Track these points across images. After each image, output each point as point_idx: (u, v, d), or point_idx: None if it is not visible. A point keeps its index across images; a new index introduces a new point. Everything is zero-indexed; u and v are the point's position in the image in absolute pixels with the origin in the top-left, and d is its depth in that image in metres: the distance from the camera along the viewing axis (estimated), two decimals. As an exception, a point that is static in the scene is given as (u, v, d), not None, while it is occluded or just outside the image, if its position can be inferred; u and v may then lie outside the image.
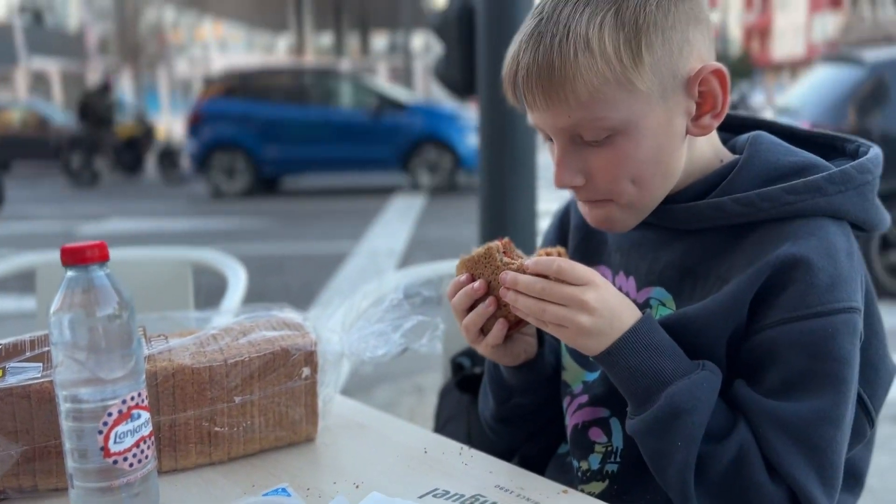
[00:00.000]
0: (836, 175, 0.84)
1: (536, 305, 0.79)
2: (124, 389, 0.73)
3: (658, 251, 0.91)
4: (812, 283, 0.78)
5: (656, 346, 0.79)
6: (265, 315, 0.95)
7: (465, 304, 0.87)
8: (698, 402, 0.77)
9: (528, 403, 1.00)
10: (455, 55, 2.92)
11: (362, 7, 29.49)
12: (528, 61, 0.81)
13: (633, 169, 0.83)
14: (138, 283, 1.66)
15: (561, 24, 0.80)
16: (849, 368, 0.78)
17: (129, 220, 8.89)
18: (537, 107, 0.83)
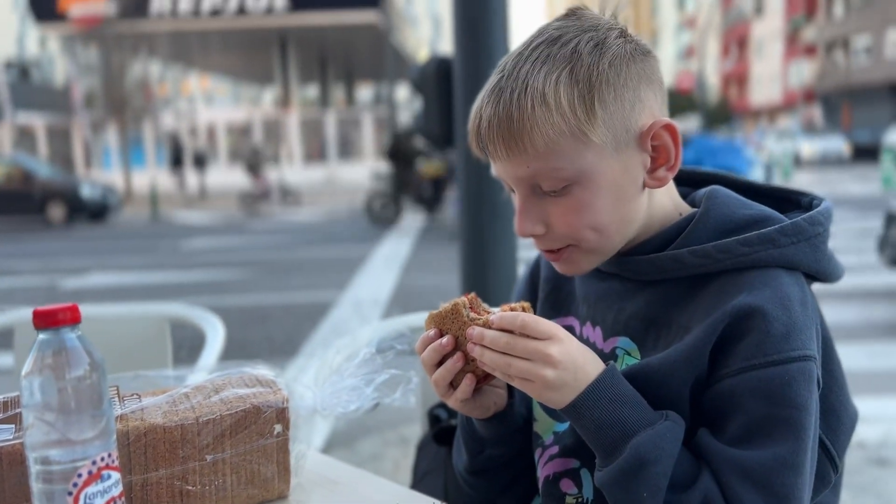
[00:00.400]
0: (788, 227, 0.87)
1: (502, 360, 0.81)
2: (94, 450, 0.73)
3: (623, 302, 0.93)
4: (768, 332, 0.80)
5: (620, 397, 0.81)
6: (238, 372, 0.96)
7: (433, 360, 0.88)
8: (662, 452, 0.78)
9: (501, 455, 1.00)
10: (433, 109, 2.98)
11: (347, 59, 29.98)
12: (489, 114, 0.86)
13: (591, 218, 0.87)
14: (116, 339, 1.67)
15: (520, 80, 0.84)
16: (806, 415, 0.80)
17: (112, 273, 8.85)
18: (499, 157, 0.87)
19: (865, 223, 10.54)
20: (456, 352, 0.87)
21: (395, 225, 12.88)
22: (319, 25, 23.20)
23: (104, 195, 16.68)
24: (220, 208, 18.22)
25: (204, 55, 29.18)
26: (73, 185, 16.51)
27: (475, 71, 2.66)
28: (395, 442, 3.36)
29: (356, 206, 16.77)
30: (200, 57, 29.79)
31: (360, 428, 3.51)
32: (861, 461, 3.00)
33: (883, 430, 3.29)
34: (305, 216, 15.36)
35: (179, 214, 17.20)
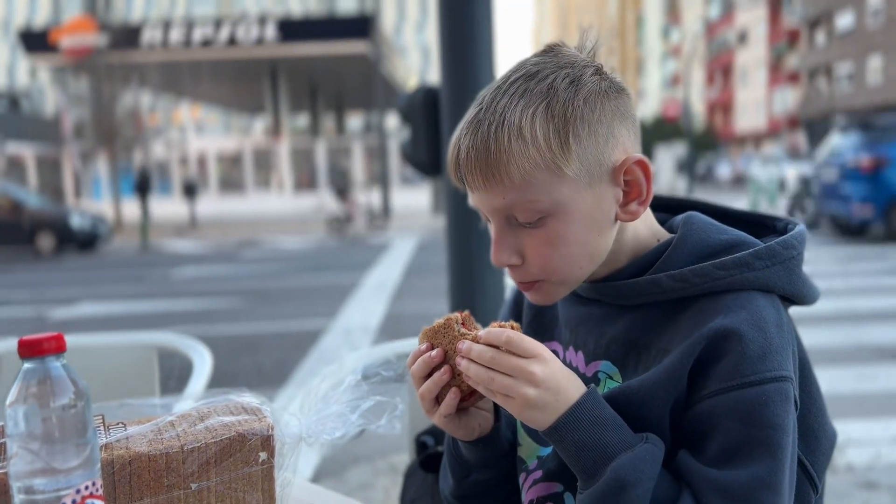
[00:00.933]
0: (762, 251, 0.89)
1: (486, 374, 0.83)
2: (78, 479, 0.73)
3: (604, 326, 0.95)
4: (744, 354, 0.82)
5: (601, 420, 0.82)
6: (223, 400, 0.96)
7: (422, 372, 0.90)
8: (642, 475, 0.79)
9: (487, 480, 1.01)
10: (421, 137, 3.01)
11: (337, 89, 30.21)
12: (467, 145, 0.88)
13: (564, 249, 0.89)
14: (103, 368, 1.67)
15: (497, 113, 0.86)
16: (783, 435, 0.81)
17: (102, 303, 8.80)
18: (476, 187, 0.89)
19: (851, 248, 10.64)
20: (444, 365, 0.89)
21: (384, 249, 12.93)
22: (310, 56, 23.43)
23: (94, 225, 16.63)
24: (211, 237, 18.19)
25: (195, 85, 29.33)
26: (62, 215, 16.45)
27: (461, 100, 2.70)
28: (384, 471, 3.34)
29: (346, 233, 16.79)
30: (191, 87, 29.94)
31: (350, 457, 3.49)
32: (849, 484, 3.00)
33: (871, 454, 3.29)
34: (293, 245, 15.34)
35: (170, 244, 17.16)
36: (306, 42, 22.79)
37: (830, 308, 6.38)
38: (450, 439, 1.02)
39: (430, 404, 0.91)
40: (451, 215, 2.87)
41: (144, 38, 23.46)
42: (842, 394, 4.02)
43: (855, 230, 11.88)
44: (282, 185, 27.01)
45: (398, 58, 35.63)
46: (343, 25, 23.22)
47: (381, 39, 24.48)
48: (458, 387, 0.89)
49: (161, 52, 23.49)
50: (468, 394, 0.89)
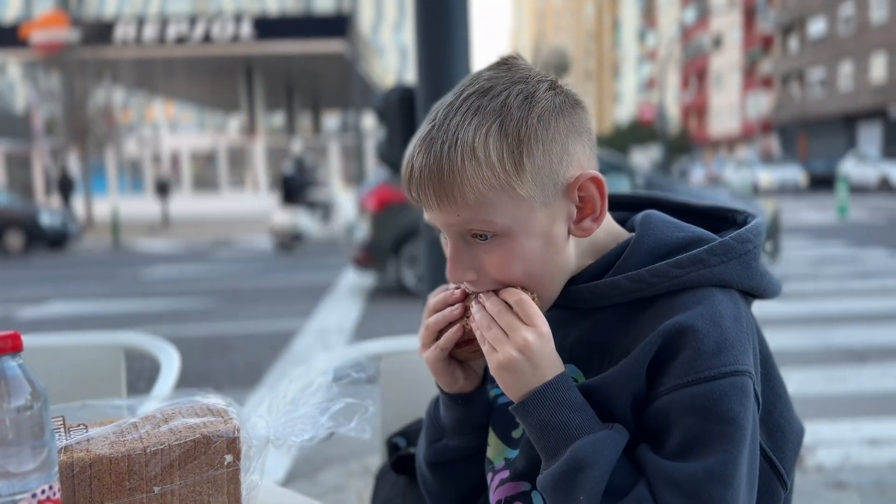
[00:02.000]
0: (717, 247, 0.89)
1: (487, 321, 0.87)
2: (34, 482, 0.71)
3: (567, 329, 0.95)
4: (698, 350, 0.82)
5: (569, 402, 0.84)
6: (188, 401, 0.94)
7: (438, 305, 0.94)
8: (601, 457, 0.80)
9: (458, 447, 1.01)
10: (397, 137, 3.00)
11: (314, 88, 30.06)
12: (420, 164, 0.86)
13: (520, 266, 0.88)
14: (68, 369, 1.63)
15: (450, 132, 0.85)
16: (738, 429, 0.81)
17: (71, 301, 8.66)
18: (430, 206, 0.88)
19: (822, 251, 10.80)
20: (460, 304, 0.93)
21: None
22: (286, 54, 23.27)
23: (64, 223, 16.37)
24: (184, 236, 18.00)
25: (169, 82, 29.02)
26: (31, 213, 16.18)
27: (438, 98, 2.69)
28: (358, 473, 3.31)
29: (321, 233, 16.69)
30: (165, 84, 29.62)
31: (323, 459, 3.46)
32: (819, 485, 3.04)
33: (841, 454, 3.34)
34: (267, 245, 15.23)
35: (141, 243, 16.95)
36: (282, 40, 22.63)
37: (801, 311, 6.46)
38: (432, 402, 1.05)
39: (430, 336, 0.94)
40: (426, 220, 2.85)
41: (118, 34, 23.14)
42: (812, 395, 4.06)
43: None
44: (257, 185, 26.79)
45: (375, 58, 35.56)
46: (320, 24, 23.10)
47: (358, 39, 24.39)
48: (463, 327, 0.92)
49: (135, 48, 23.19)
50: (467, 340, 0.92)
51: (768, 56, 50.56)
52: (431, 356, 0.94)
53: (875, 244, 11.35)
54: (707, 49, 61.25)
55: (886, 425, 3.70)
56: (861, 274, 8.58)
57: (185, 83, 29.05)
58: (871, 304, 6.78)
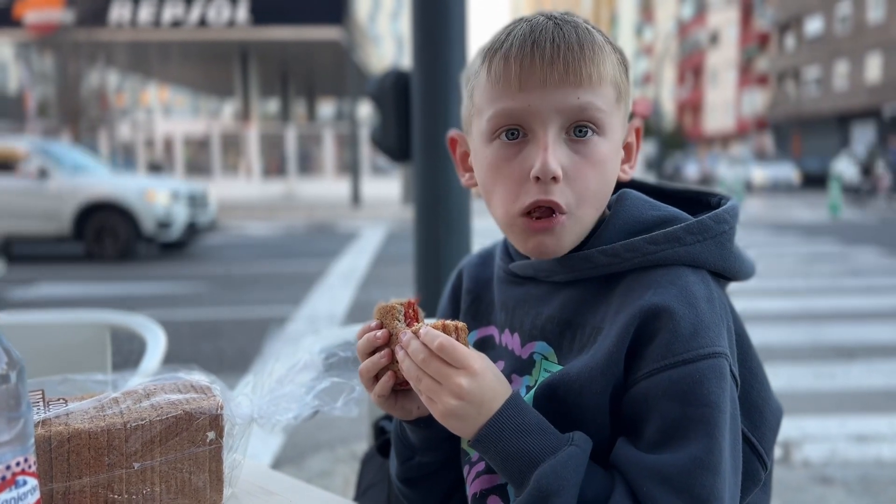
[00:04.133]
0: (694, 226, 0.89)
1: (416, 372, 0.82)
2: (9, 455, 0.69)
3: (540, 306, 0.94)
4: (675, 332, 0.81)
5: (523, 427, 0.80)
6: (171, 378, 0.92)
7: (365, 349, 0.90)
8: (565, 482, 0.77)
9: (430, 463, 0.99)
10: (391, 122, 2.97)
11: (309, 75, 29.91)
12: (552, 37, 0.85)
13: (600, 177, 0.89)
14: (53, 347, 1.61)
15: (569, 24, 0.88)
16: (719, 412, 0.79)
17: (61, 283, 8.61)
18: (549, 83, 0.85)
19: (813, 248, 10.84)
20: (386, 348, 0.88)
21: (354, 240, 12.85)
22: (281, 40, 23.12)
23: (55, 205, 16.25)
24: (176, 221, 17.88)
25: (163, 66, 28.82)
26: (22, 194, 16.04)
27: (433, 85, 2.67)
28: (345, 458, 3.31)
29: (314, 221, 16.67)
30: (160, 68, 29.41)
31: (310, 444, 3.45)
32: (806, 480, 3.05)
33: (828, 449, 3.35)
34: (259, 231, 15.18)
35: (133, 226, 16.82)
36: (278, 26, 22.47)
37: (791, 307, 6.48)
38: (397, 421, 1.01)
39: (368, 382, 0.90)
40: (419, 204, 2.84)
41: (112, 15, 22.93)
42: (800, 391, 4.07)
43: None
44: (250, 171, 26.67)
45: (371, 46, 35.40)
46: (316, 10, 22.93)
47: (355, 26, 24.27)
48: (395, 372, 0.88)
49: (129, 31, 22.99)
50: (405, 380, 0.87)
51: (764, 54, 50.59)
52: (376, 401, 0.91)
53: (865, 243, 11.41)
54: (704, 45, 61.23)
55: (873, 422, 3.71)
56: (851, 272, 8.61)
57: (180, 67, 28.86)
58: (861, 302, 6.81)
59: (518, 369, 0.94)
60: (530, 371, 0.93)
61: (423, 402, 0.83)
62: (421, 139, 2.76)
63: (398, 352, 0.85)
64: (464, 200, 2.79)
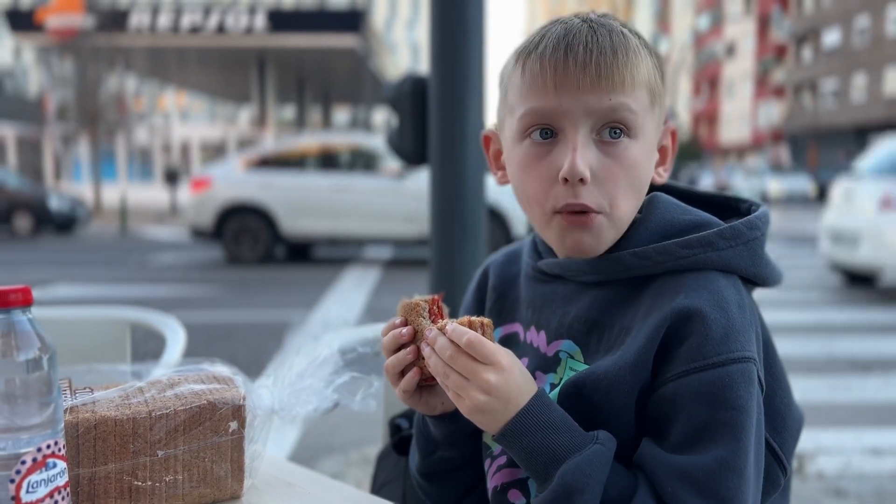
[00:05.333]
0: (727, 231, 0.89)
1: (443, 368, 0.82)
2: (40, 438, 0.71)
3: (567, 305, 0.94)
4: (706, 335, 0.81)
5: (549, 424, 0.81)
6: (195, 369, 0.94)
7: (390, 346, 0.90)
8: (589, 479, 0.78)
9: (452, 458, 1.00)
10: (408, 126, 2.99)
11: (325, 82, 30.05)
12: (585, 42, 0.86)
13: (632, 179, 0.89)
14: (75, 341, 1.63)
15: (605, 27, 0.88)
16: (746, 416, 0.80)
17: (77, 285, 8.69)
18: (581, 86, 0.85)
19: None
20: (411, 344, 0.88)
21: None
22: (298, 47, 23.27)
23: (73, 207, 16.44)
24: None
25: (181, 72, 29.05)
26: (41, 197, 16.25)
27: (450, 90, 2.69)
28: (357, 461, 3.31)
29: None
30: (177, 73, 29.65)
31: (323, 447, 3.46)
32: (820, 492, 3.03)
33: (842, 462, 3.32)
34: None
35: (149, 230, 16.99)
36: (295, 33, 22.62)
37: (806, 319, 6.44)
38: (419, 415, 1.01)
39: (394, 378, 0.91)
40: (435, 208, 2.85)
41: (132, 21, 23.17)
42: (815, 403, 4.05)
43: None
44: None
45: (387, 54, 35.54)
46: (333, 18, 23.08)
47: (371, 34, 24.40)
48: (421, 368, 0.88)
49: (148, 36, 23.22)
50: (430, 375, 0.88)
51: (781, 65, 50.37)
52: (401, 396, 0.92)
53: (883, 256, 11.29)
54: (720, 56, 61.04)
55: (888, 435, 3.68)
56: (867, 284, 8.54)
57: (198, 73, 29.09)
58: (876, 315, 6.75)
59: (542, 367, 0.94)
60: (555, 369, 0.93)
61: (451, 398, 0.83)
62: (437, 144, 2.78)
63: (424, 348, 0.85)
64: (479, 204, 2.81)
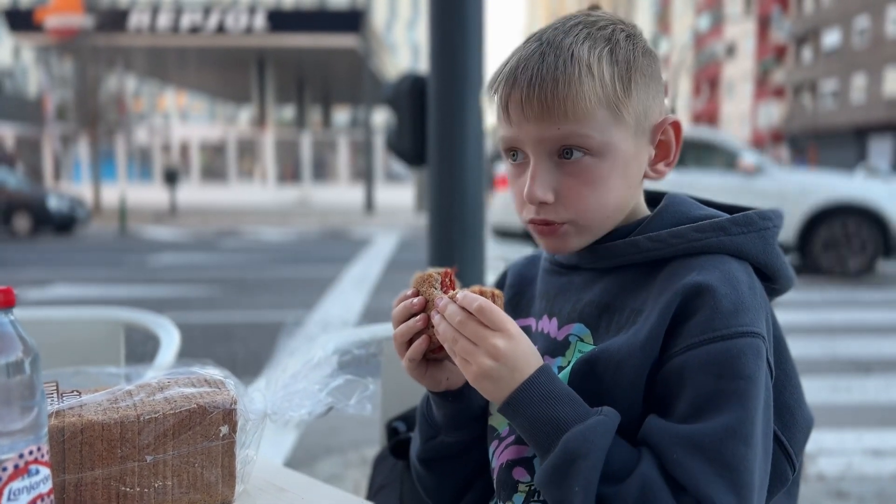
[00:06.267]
0: (740, 218, 0.91)
1: (452, 334, 0.83)
2: (22, 443, 0.69)
3: (581, 293, 0.95)
4: (716, 308, 0.82)
5: (553, 394, 0.82)
6: (185, 372, 0.92)
7: (401, 316, 0.91)
8: (592, 445, 0.78)
9: (454, 443, 0.99)
10: (407, 126, 2.97)
11: (325, 82, 30.07)
12: (530, 75, 0.88)
13: (600, 193, 0.90)
14: (68, 342, 1.61)
15: (565, 49, 0.88)
16: (754, 386, 0.80)
17: (76, 285, 8.67)
18: (527, 118, 0.88)
19: (830, 261, 10.73)
20: (421, 314, 0.89)
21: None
22: (298, 47, 23.28)
23: (72, 208, 16.40)
24: (190, 225, 18.01)
25: (181, 72, 29.08)
26: (40, 197, 16.21)
27: (450, 90, 2.67)
28: (356, 463, 3.30)
29: (328, 227, 16.72)
30: (177, 73, 29.68)
31: (321, 448, 3.44)
32: (821, 494, 3.01)
33: (843, 463, 3.30)
34: (273, 236, 15.24)
35: (148, 230, 16.97)
36: (295, 33, 22.63)
37: (808, 320, 6.42)
38: (423, 399, 1.02)
39: (401, 347, 0.92)
40: (434, 208, 2.84)
41: (132, 21, 23.18)
42: (816, 404, 3.99)
43: None
44: (265, 177, 26.81)
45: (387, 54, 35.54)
46: (333, 18, 23.09)
47: (371, 35, 24.39)
48: (430, 336, 0.89)
49: (148, 36, 23.22)
50: (438, 346, 0.89)
51: (781, 66, 50.38)
52: (407, 367, 0.92)
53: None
54: (720, 57, 61.05)
55: (889, 436, 3.66)
56: (868, 285, 8.52)
57: (197, 73, 29.11)
58: (878, 316, 6.74)
59: (551, 351, 0.95)
60: (564, 353, 0.94)
61: (458, 365, 0.84)
62: (436, 144, 2.76)
63: (434, 316, 0.86)
64: (479, 204, 2.79)
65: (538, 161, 0.90)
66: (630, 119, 0.89)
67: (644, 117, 0.91)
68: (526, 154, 0.91)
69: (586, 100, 0.86)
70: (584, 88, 0.86)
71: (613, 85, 0.87)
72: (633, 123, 0.90)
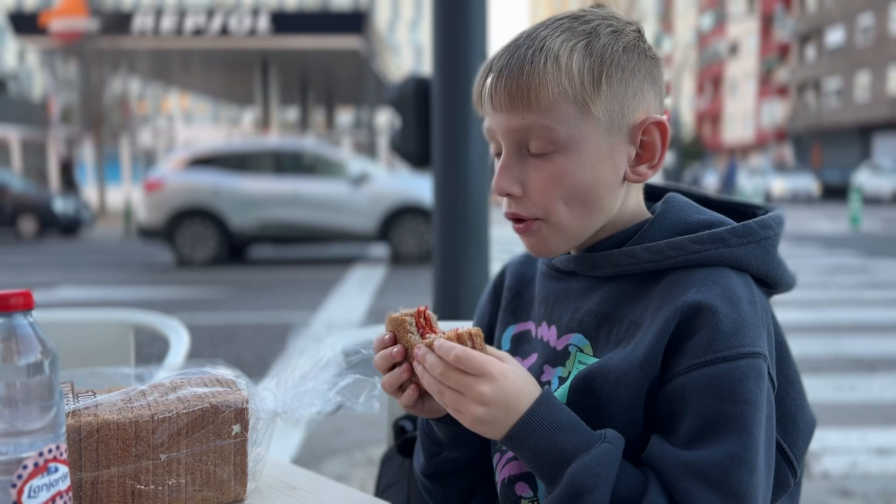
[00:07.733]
0: (739, 228, 0.89)
1: (437, 386, 0.81)
2: (42, 442, 0.71)
3: (580, 301, 0.95)
4: (717, 329, 0.81)
5: (555, 424, 0.80)
6: (197, 372, 0.94)
7: (383, 366, 0.89)
8: (598, 478, 0.77)
9: (457, 459, 0.99)
10: (411, 128, 2.99)
11: (328, 83, 30.08)
12: (501, 65, 0.89)
13: (567, 189, 0.89)
14: (78, 344, 1.63)
15: (537, 41, 0.88)
16: (756, 411, 0.80)
17: (82, 287, 8.71)
18: (498, 107, 0.89)
19: (833, 260, 10.73)
20: (404, 362, 0.87)
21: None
22: (301, 49, 23.29)
23: (77, 210, 16.48)
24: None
25: (185, 74, 29.11)
26: (45, 199, 16.29)
27: (453, 91, 2.68)
28: (362, 463, 3.31)
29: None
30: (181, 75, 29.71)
31: (327, 448, 3.46)
32: (825, 492, 3.01)
33: (847, 462, 3.31)
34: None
35: (153, 232, 16.98)
36: (299, 35, 22.64)
37: (812, 319, 6.42)
38: (423, 418, 1.01)
39: (392, 392, 0.90)
40: (438, 209, 2.85)
41: (136, 24, 23.21)
42: (820, 403, 4.03)
43: None
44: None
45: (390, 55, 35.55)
46: (336, 20, 23.09)
47: (375, 36, 24.40)
48: (417, 384, 0.87)
49: (152, 39, 23.25)
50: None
51: (784, 64, 50.26)
52: (403, 408, 0.91)
53: (887, 255, 11.27)
54: (723, 56, 60.93)
55: (894, 435, 3.66)
56: (872, 284, 8.51)
57: (201, 75, 29.14)
58: (882, 314, 6.73)
59: (551, 360, 0.95)
60: (564, 362, 0.93)
61: (449, 412, 0.83)
62: (440, 144, 2.77)
63: (416, 366, 0.84)
64: (483, 205, 2.80)
65: (508, 153, 0.90)
66: (601, 115, 0.87)
67: (620, 115, 0.88)
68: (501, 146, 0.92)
69: (548, 90, 0.85)
70: (547, 78, 0.85)
71: (581, 77, 0.86)
72: (606, 120, 0.87)
